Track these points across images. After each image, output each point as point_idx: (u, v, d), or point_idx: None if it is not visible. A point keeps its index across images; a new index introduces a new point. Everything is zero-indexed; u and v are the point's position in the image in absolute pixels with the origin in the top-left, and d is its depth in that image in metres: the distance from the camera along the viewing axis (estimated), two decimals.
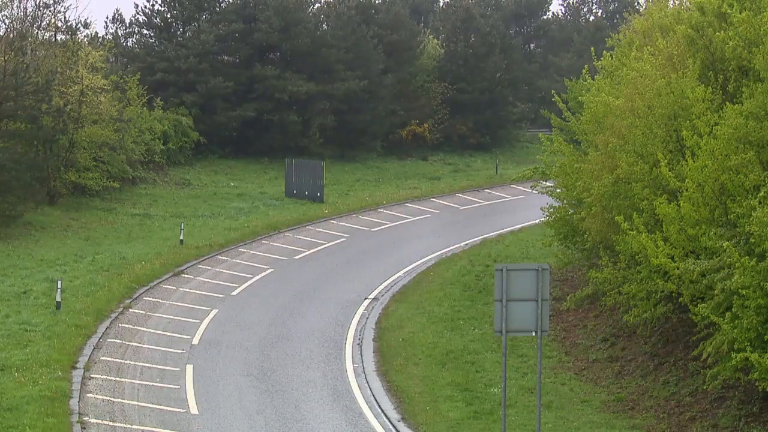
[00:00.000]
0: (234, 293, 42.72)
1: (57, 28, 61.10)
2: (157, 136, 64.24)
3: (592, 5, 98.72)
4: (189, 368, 33.89)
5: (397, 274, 46.62)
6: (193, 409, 30.50)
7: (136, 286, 42.40)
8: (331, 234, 53.36)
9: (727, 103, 30.47)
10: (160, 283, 43.51)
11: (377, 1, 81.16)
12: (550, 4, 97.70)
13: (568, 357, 35.21)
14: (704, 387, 28.89)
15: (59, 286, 38.84)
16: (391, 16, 79.05)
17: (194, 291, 42.70)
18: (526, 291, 25.98)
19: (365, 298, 42.84)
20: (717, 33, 33.15)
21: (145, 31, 73.46)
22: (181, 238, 49.80)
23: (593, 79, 41.73)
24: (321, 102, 72.50)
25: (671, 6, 43.66)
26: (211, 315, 39.64)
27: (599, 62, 42.69)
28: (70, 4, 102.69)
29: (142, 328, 37.82)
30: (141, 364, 34.16)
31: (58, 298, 38.67)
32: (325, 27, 76.40)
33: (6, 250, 46.37)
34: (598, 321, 37.42)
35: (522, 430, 29.05)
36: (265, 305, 41.24)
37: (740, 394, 28.61)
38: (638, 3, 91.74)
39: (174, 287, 43.08)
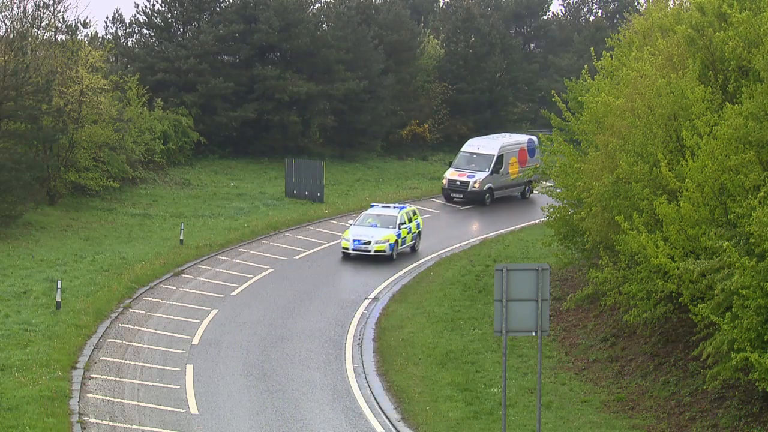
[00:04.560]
0: (234, 293, 42.72)
1: (57, 28, 61.08)
2: (157, 136, 64.21)
3: (592, 5, 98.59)
4: (189, 368, 33.90)
5: (397, 274, 46.64)
6: (193, 409, 30.53)
7: (136, 286, 42.40)
8: (331, 234, 53.32)
9: (727, 103, 30.50)
10: (160, 283, 43.50)
11: (377, 1, 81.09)
12: (550, 4, 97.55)
13: (568, 357, 35.23)
14: (704, 387, 28.92)
15: (59, 286, 38.84)
16: (391, 16, 78.99)
17: (194, 291, 42.71)
18: (526, 291, 26.01)
19: (365, 298, 42.86)
20: (717, 33, 33.18)
21: (145, 31, 73.33)
22: (181, 238, 49.79)
23: (593, 79, 41.75)
24: (321, 102, 72.46)
25: (671, 6, 43.69)
26: (211, 315, 39.65)
27: (599, 62, 42.71)
28: (70, 4, 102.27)
29: (142, 328, 37.83)
30: (141, 364, 34.18)
31: (58, 298, 38.67)
32: (325, 27, 76.30)
33: (6, 250, 46.36)
34: (598, 321, 37.43)
35: (522, 430, 29.07)
36: (265, 305, 41.25)
37: (740, 394, 28.62)
38: (638, 3, 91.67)
39: (174, 287, 43.08)
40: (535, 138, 65.58)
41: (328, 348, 36.58)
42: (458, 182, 61.75)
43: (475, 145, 64.14)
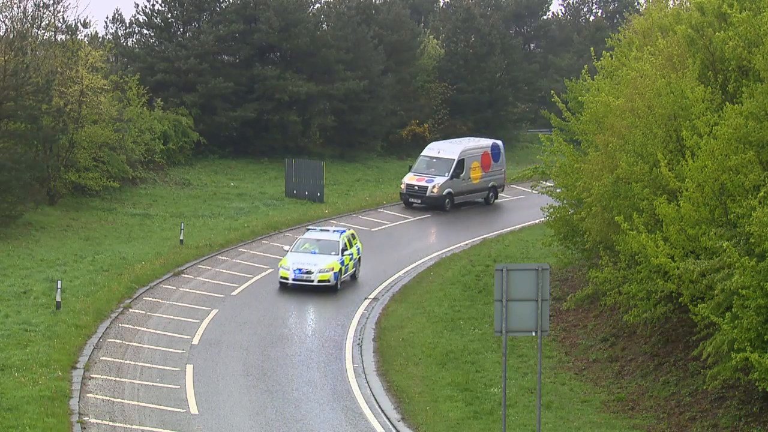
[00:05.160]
0: (234, 293, 42.72)
1: (57, 28, 61.08)
2: (157, 136, 64.20)
3: (592, 5, 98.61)
4: (189, 368, 33.90)
5: (397, 274, 46.63)
6: (193, 409, 30.53)
7: (136, 286, 42.39)
8: None
9: (727, 103, 30.51)
10: (160, 283, 43.50)
11: (377, 1, 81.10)
12: (550, 4, 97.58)
13: (568, 357, 35.23)
14: (704, 387, 28.92)
15: (59, 286, 38.84)
16: (391, 16, 78.99)
17: (194, 291, 42.70)
18: (526, 291, 26.01)
19: (365, 298, 42.86)
20: (717, 33, 33.18)
21: (145, 31, 73.33)
22: (181, 238, 49.79)
23: (593, 79, 41.73)
24: (321, 102, 72.46)
25: (671, 6, 43.69)
26: (211, 315, 39.65)
27: (599, 62, 42.71)
28: (70, 4, 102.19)
29: (142, 328, 37.83)
30: (141, 364, 34.18)
31: (58, 298, 38.67)
32: (325, 27, 76.31)
33: (6, 250, 46.36)
34: (598, 321, 37.43)
35: (522, 430, 29.07)
36: (265, 305, 41.24)
37: (740, 394, 28.62)
38: (638, 3, 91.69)
39: (174, 287, 43.08)
40: (500, 142, 65.13)
41: (328, 348, 36.58)
42: (416, 187, 60.06)
43: (435, 148, 62.60)
